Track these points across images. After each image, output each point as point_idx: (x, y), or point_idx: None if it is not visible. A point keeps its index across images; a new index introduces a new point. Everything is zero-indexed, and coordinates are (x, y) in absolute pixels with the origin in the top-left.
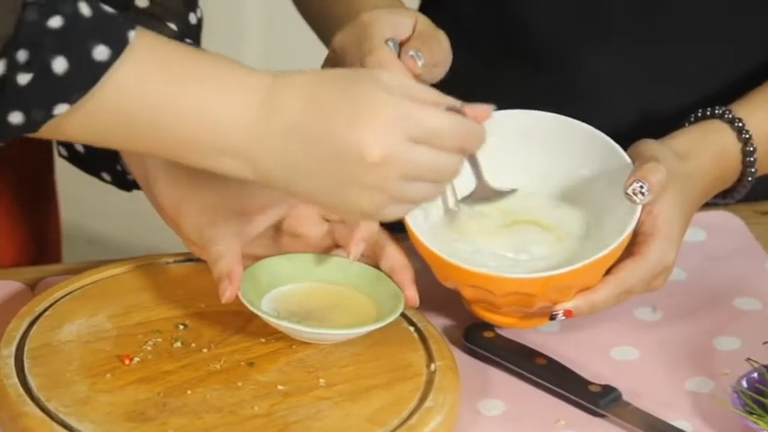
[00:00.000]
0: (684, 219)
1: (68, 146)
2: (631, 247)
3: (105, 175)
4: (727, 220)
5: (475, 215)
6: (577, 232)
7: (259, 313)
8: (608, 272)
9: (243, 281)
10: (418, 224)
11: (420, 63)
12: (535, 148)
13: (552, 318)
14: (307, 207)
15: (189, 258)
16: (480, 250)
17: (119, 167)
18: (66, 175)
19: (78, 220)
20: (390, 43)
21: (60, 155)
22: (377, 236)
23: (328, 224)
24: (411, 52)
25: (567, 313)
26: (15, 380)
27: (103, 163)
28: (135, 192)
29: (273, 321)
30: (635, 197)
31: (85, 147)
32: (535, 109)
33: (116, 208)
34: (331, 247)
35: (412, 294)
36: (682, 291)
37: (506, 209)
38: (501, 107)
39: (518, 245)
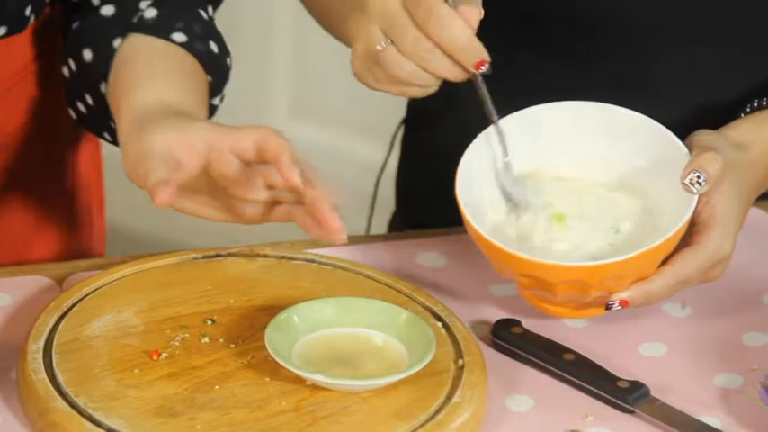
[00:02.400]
0: (741, 208)
1: (73, 106)
2: (688, 237)
3: (106, 135)
4: (756, 217)
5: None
6: (634, 222)
7: (285, 364)
8: (664, 262)
9: (274, 328)
10: (476, 217)
11: (479, 12)
12: (590, 138)
13: (608, 307)
14: (223, 145)
15: (217, 254)
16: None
17: (112, 124)
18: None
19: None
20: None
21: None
22: (304, 167)
23: (251, 167)
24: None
25: (623, 303)
26: (44, 375)
27: (103, 122)
28: None
29: (301, 373)
30: (692, 187)
31: (87, 106)
32: (588, 100)
33: (142, 202)
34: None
35: (334, 225)
36: (711, 287)
37: (563, 201)
38: (556, 98)
39: (575, 235)
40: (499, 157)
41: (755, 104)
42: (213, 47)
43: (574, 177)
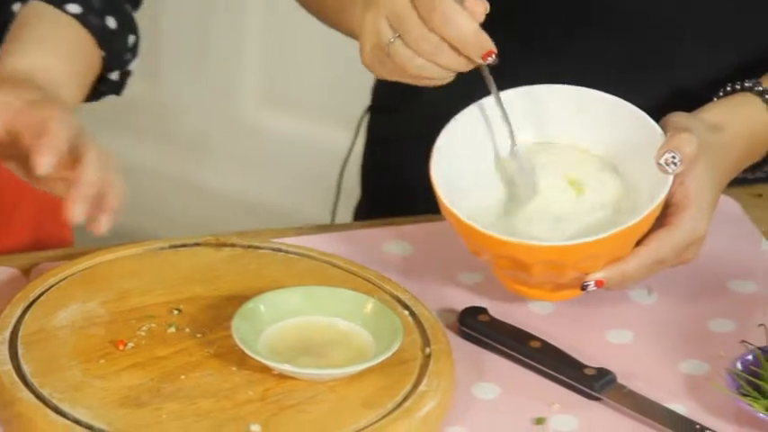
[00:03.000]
0: (716, 190)
1: None
2: (663, 219)
3: None
4: (723, 204)
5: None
6: (609, 202)
7: (251, 354)
8: (640, 243)
9: (241, 318)
10: (452, 199)
11: (484, 8)
12: (565, 121)
13: (584, 288)
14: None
15: (184, 244)
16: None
17: None
18: None
19: None
20: None
21: None
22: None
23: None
24: None
25: (599, 283)
26: (9, 366)
27: None
28: (128, 176)
29: (268, 363)
30: (667, 167)
31: None
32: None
33: None
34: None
35: (70, 211)
36: (677, 273)
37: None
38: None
39: (552, 215)
40: (497, 144)
41: (729, 88)
42: (110, 22)
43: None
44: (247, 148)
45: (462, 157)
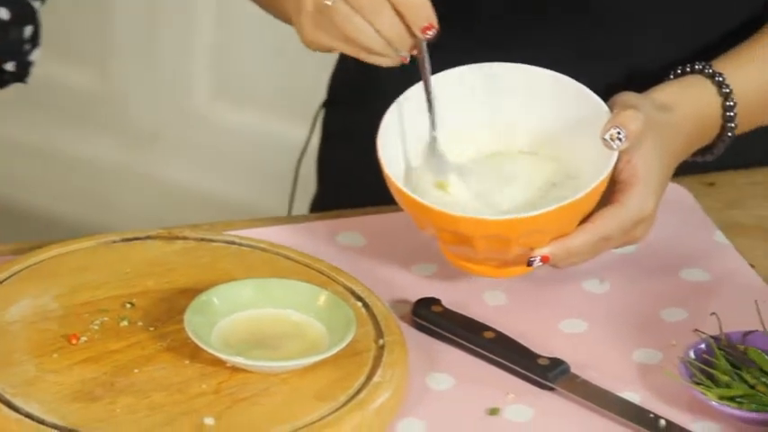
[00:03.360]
0: (665, 169)
1: None
2: (611, 196)
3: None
4: (674, 192)
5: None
6: (554, 180)
7: (204, 347)
8: (586, 219)
9: (194, 311)
10: (397, 174)
11: None
12: (508, 99)
13: (530, 264)
14: None
15: (136, 237)
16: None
17: None
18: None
19: (17, 195)
20: None
21: None
22: None
23: None
24: None
25: (544, 259)
26: None
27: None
28: (79, 169)
29: (221, 356)
30: (612, 143)
31: None
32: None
33: (60, 185)
34: None
35: None
36: (629, 262)
37: (485, 158)
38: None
39: (498, 194)
40: (424, 125)
41: (679, 70)
42: (2, 13)
43: (497, 139)
44: (201, 140)
45: (408, 136)
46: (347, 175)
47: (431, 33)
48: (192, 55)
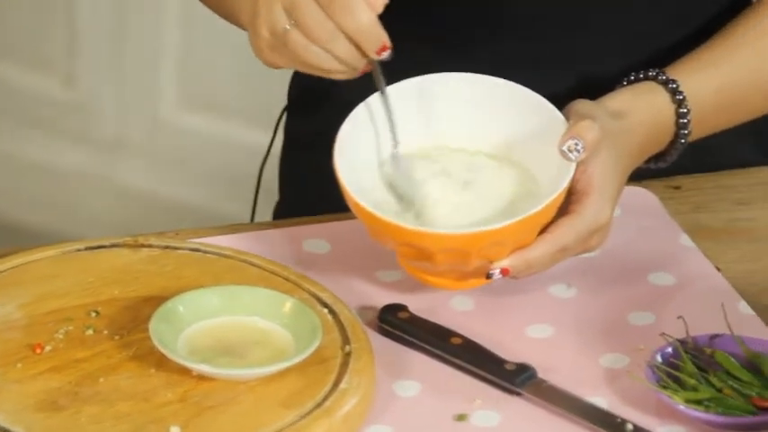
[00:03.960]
0: (619, 177)
1: None
2: (567, 206)
3: None
4: (640, 196)
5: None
6: (513, 191)
7: (170, 355)
8: (544, 230)
9: (159, 319)
10: (357, 188)
11: (382, 1)
12: (464, 110)
13: (489, 276)
14: None
15: (101, 245)
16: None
17: None
18: None
19: None
20: None
21: None
22: None
23: None
24: None
25: (504, 272)
26: None
27: None
28: (44, 176)
29: (186, 364)
30: (570, 154)
31: None
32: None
33: (25, 193)
34: None
35: None
36: (596, 267)
37: (442, 170)
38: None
39: (457, 206)
40: (382, 136)
41: (633, 77)
42: None
43: (455, 149)
44: (166, 147)
45: (364, 148)
46: (309, 182)
47: (385, 54)
48: (157, 62)
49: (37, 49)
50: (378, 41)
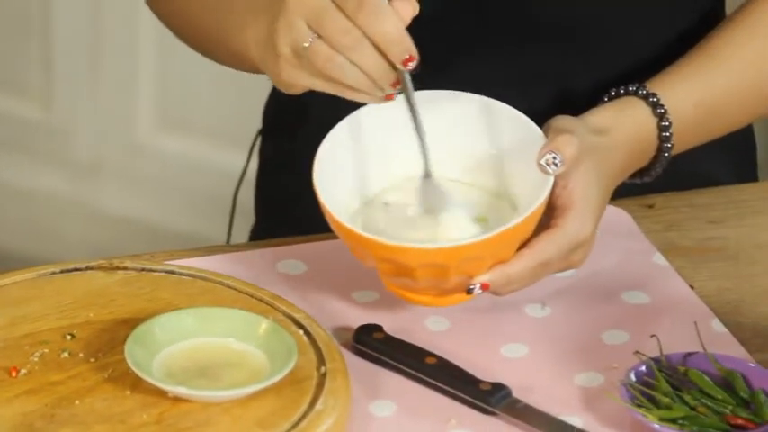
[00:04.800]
0: (602, 192)
1: None
2: (548, 221)
3: None
4: (613, 215)
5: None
6: (492, 207)
7: (146, 377)
8: (524, 245)
9: (134, 341)
10: (335, 205)
11: (413, 9)
12: (443, 126)
13: (469, 291)
14: None
15: (76, 268)
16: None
17: None
18: None
19: None
20: None
21: None
22: None
23: None
24: None
25: (484, 286)
26: None
27: None
28: (20, 199)
29: (162, 386)
30: (548, 168)
31: None
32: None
33: (1, 216)
34: None
35: None
36: (570, 286)
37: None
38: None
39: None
40: (363, 154)
41: (614, 92)
42: None
43: (433, 165)
44: (143, 170)
45: (345, 166)
46: (284, 204)
47: (412, 65)
48: (133, 84)
49: (13, 71)
50: (405, 51)
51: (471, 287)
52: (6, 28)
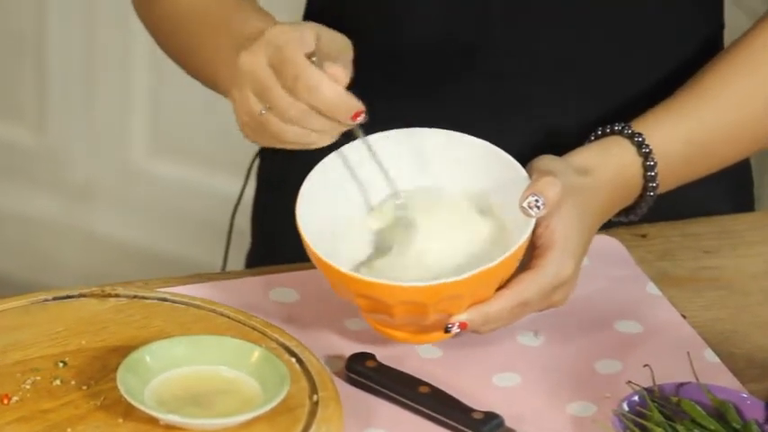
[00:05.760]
0: (584, 233)
1: None
2: (529, 261)
3: None
4: (607, 244)
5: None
6: (475, 245)
7: (138, 405)
8: (504, 285)
9: (126, 369)
10: (315, 237)
11: (346, 73)
12: (431, 165)
13: (447, 330)
14: None
15: (68, 295)
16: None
17: None
18: None
19: None
20: (314, 59)
21: None
22: None
23: None
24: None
25: (462, 326)
26: None
27: None
28: (14, 224)
29: (154, 414)
30: (530, 210)
31: None
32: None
33: None
34: None
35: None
36: (563, 315)
37: (407, 224)
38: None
39: (421, 263)
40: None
41: (599, 131)
42: None
43: (422, 202)
44: (137, 195)
45: (331, 201)
46: (281, 228)
47: (361, 119)
48: (127, 108)
49: (7, 96)
50: (350, 110)
51: (450, 326)
52: (0, 52)
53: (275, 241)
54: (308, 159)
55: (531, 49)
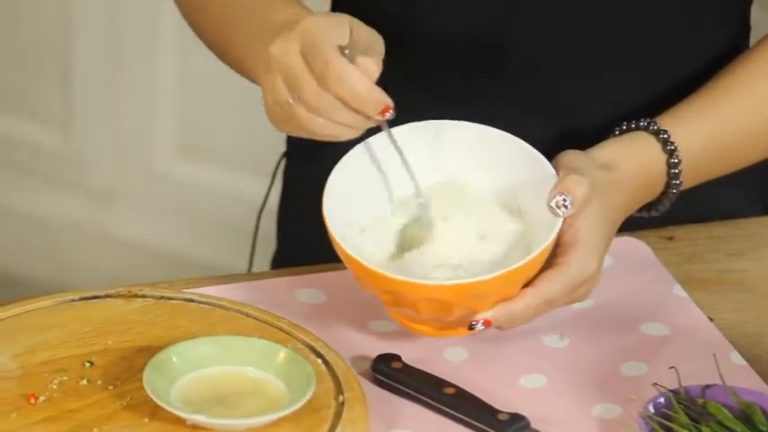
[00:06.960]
0: (608, 229)
1: None
2: (553, 258)
3: None
4: (633, 246)
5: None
6: (507, 244)
7: (164, 405)
8: (529, 282)
9: (153, 369)
10: (344, 233)
11: (377, 67)
12: (457, 159)
13: (471, 327)
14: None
15: (95, 296)
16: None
17: None
18: None
19: None
20: (347, 51)
21: None
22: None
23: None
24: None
25: (486, 323)
26: None
27: None
28: (40, 227)
29: (181, 414)
30: (558, 210)
31: None
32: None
33: (20, 244)
34: None
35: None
36: (589, 317)
37: (432, 220)
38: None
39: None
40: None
41: (624, 126)
42: None
43: (451, 197)
44: (162, 197)
45: (358, 195)
46: (306, 230)
47: (389, 114)
48: (152, 112)
49: (32, 98)
50: (378, 105)
51: (474, 323)
52: (26, 54)
53: (301, 243)
54: (333, 160)
55: (558, 46)
